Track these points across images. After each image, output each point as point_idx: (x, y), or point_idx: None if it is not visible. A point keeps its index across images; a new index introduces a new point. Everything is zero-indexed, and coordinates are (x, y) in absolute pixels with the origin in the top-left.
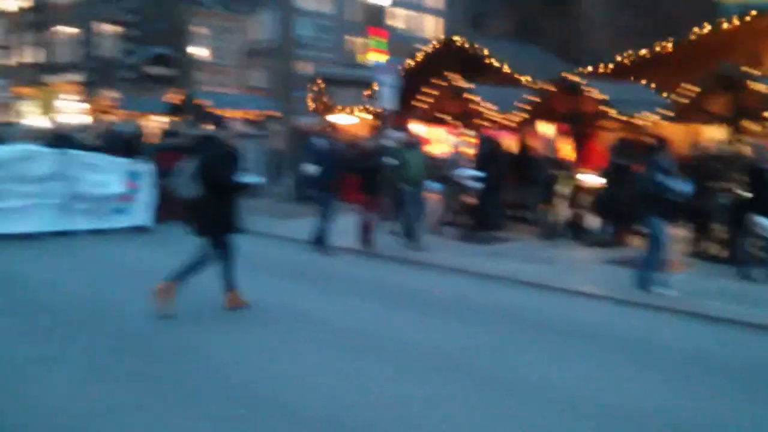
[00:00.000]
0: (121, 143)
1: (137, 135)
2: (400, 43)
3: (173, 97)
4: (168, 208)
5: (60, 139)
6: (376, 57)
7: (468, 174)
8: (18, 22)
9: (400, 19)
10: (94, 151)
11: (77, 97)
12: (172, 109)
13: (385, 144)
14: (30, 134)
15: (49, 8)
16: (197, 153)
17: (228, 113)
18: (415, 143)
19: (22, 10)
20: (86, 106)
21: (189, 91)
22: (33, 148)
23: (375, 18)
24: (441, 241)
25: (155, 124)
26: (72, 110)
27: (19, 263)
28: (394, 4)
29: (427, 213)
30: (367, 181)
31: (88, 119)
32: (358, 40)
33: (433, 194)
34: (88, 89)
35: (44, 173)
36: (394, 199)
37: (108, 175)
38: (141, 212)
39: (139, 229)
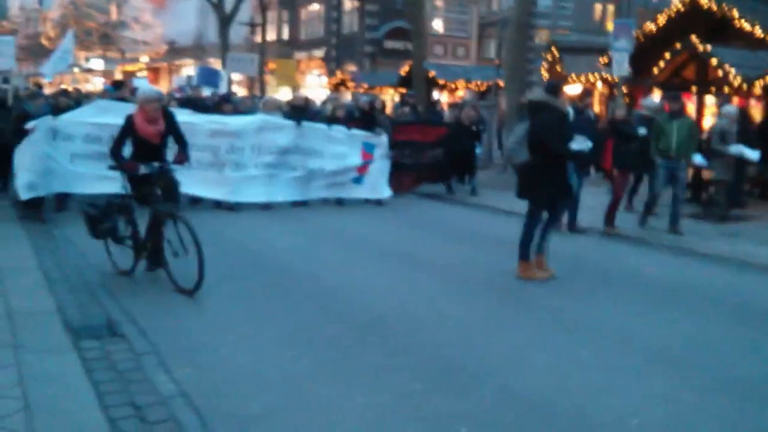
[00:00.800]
0: (358, 115)
1: (375, 107)
2: (644, 9)
3: (405, 69)
4: (400, 180)
5: (299, 111)
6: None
7: (738, 149)
8: (267, 0)
9: None
10: (332, 124)
11: (319, 72)
12: (401, 81)
13: (642, 112)
14: (271, 106)
15: None
16: (529, 118)
17: (456, 84)
18: (678, 111)
19: None
20: (326, 80)
21: (416, 63)
22: (271, 119)
23: None
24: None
25: (389, 96)
26: (315, 84)
27: (258, 233)
28: None
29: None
30: (617, 153)
31: (327, 93)
32: (598, 6)
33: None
34: (330, 64)
35: (283, 145)
36: (645, 174)
37: (345, 147)
38: (376, 184)
39: (372, 201)
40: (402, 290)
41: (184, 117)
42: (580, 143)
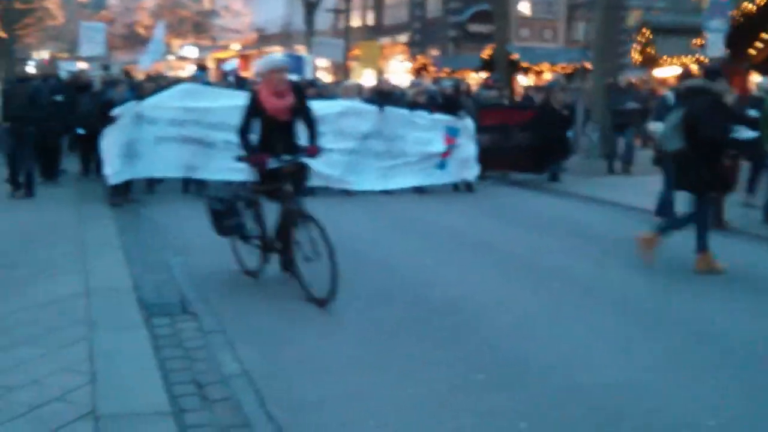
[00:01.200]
0: (442, 100)
1: (459, 90)
2: None
3: (487, 53)
4: (487, 165)
5: (384, 96)
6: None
7: None
8: None
9: None
10: (415, 108)
11: (403, 57)
12: (483, 65)
13: (756, 93)
14: (350, 91)
15: None
16: (683, 104)
17: (540, 67)
18: None
19: None
20: (409, 65)
21: (499, 46)
22: (353, 104)
23: None
24: None
25: (473, 81)
26: (398, 69)
27: (337, 220)
28: None
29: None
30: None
31: (409, 78)
32: None
33: None
34: (414, 49)
35: (365, 130)
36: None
37: (429, 132)
38: (461, 168)
39: (458, 187)
40: (472, 279)
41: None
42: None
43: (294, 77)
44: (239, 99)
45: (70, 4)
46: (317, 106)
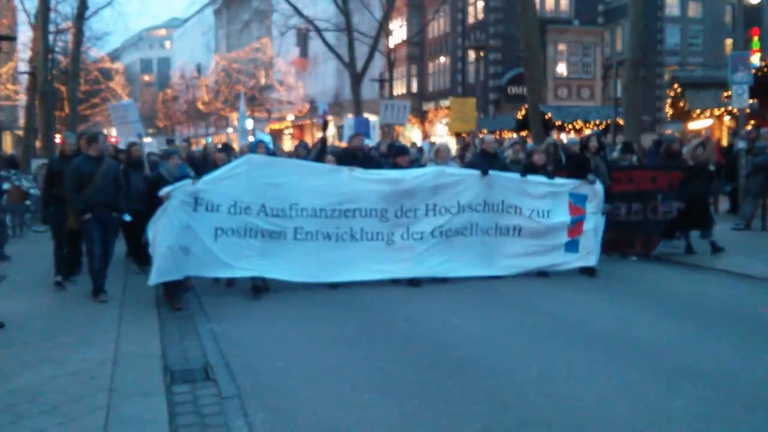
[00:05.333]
0: (566, 160)
1: (587, 146)
2: None
3: (522, 113)
4: (625, 242)
5: (488, 158)
6: (753, 57)
7: None
8: (396, 57)
9: None
10: (526, 172)
11: (447, 121)
12: (519, 125)
13: None
14: (445, 155)
15: (425, 42)
16: None
17: (574, 125)
18: None
19: (397, 45)
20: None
21: (533, 106)
22: (451, 169)
23: (753, 16)
24: None
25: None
26: (443, 133)
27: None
28: None
29: None
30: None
31: (453, 141)
32: (728, 41)
33: None
34: None
35: (466, 202)
36: None
37: (548, 201)
38: (589, 247)
39: (582, 270)
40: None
41: (364, 173)
42: None
43: (368, 142)
44: (316, 173)
45: (136, 83)
46: (411, 176)
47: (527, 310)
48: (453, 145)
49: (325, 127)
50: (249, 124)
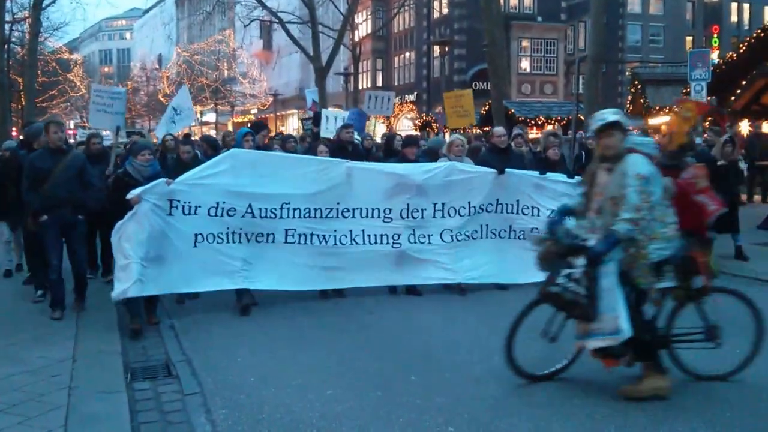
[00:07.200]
0: (585, 155)
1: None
2: (736, 38)
3: (485, 108)
4: None
5: (499, 154)
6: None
7: None
8: (362, 51)
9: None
10: (545, 170)
11: (412, 115)
12: (482, 120)
13: None
14: (458, 149)
15: (390, 36)
16: None
17: (536, 120)
18: None
19: (363, 39)
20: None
21: (496, 102)
22: (465, 166)
23: (713, 15)
24: None
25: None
26: (407, 127)
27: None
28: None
29: None
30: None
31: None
32: (689, 39)
33: None
34: (421, 107)
35: (478, 202)
36: None
37: (568, 199)
38: None
39: None
40: None
41: (365, 166)
42: None
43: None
44: (309, 168)
45: (95, 75)
46: (420, 171)
47: (492, 304)
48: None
49: (317, 119)
50: (211, 117)
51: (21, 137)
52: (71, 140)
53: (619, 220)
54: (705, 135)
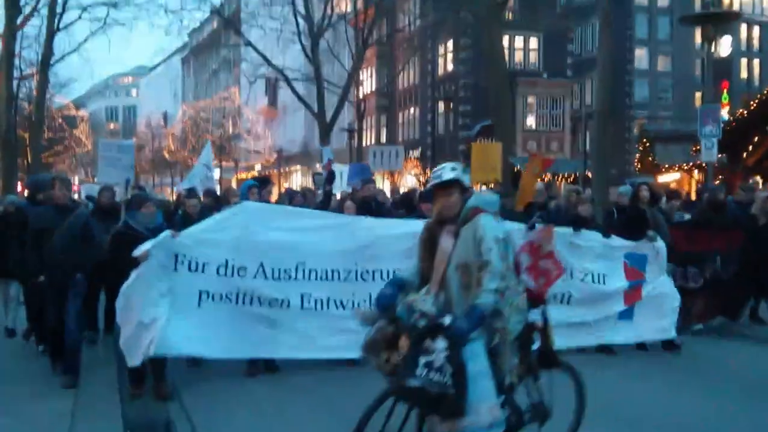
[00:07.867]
0: (618, 215)
1: (638, 199)
2: (746, 94)
3: None
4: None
5: (533, 210)
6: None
7: None
8: (366, 107)
9: (748, 69)
10: (579, 227)
11: (416, 171)
12: None
13: None
14: None
15: (395, 92)
16: None
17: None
18: None
19: (367, 95)
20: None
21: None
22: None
23: (723, 71)
24: None
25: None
26: (412, 183)
27: None
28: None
29: None
30: None
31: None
32: (698, 94)
33: None
34: (426, 163)
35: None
36: None
37: (601, 262)
38: (653, 318)
39: (665, 347)
40: None
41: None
42: None
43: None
44: (334, 224)
45: (102, 131)
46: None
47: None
48: None
49: (331, 178)
50: (216, 173)
51: (26, 193)
52: (75, 195)
53: (483, 291)
54: (735, 194)
